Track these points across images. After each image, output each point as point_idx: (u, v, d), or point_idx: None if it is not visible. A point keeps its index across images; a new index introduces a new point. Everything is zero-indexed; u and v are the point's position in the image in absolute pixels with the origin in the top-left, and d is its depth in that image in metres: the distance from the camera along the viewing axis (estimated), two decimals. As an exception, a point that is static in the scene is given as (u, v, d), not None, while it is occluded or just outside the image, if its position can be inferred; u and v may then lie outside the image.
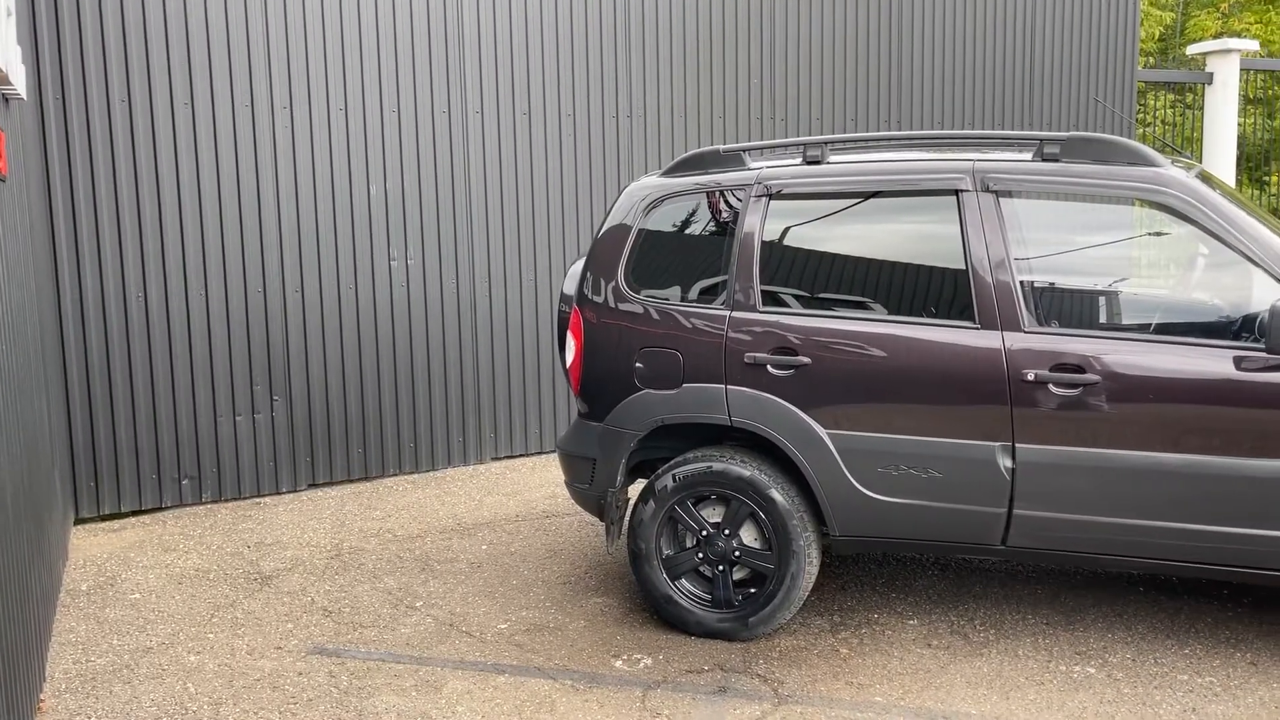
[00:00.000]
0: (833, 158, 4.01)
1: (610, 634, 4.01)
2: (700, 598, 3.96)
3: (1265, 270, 3.39)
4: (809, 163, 3.94)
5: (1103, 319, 3.79)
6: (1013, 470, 3.55)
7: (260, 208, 5.68)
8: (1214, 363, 3.39)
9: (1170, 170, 3.54)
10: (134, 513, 5.51)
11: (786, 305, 3.87)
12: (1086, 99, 8.59)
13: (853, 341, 3.72)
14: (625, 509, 4.21)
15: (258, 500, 5.74)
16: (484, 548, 4.99)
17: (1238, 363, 3.36)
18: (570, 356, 4.18)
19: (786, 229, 3.92)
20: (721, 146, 4.10)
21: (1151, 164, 3.56)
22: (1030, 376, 3.51)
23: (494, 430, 6.51)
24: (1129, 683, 3.52)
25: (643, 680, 3.63)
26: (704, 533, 3.92)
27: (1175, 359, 3.45)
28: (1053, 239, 3.88)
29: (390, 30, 5.97)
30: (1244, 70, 9.93)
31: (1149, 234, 3.90)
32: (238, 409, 5.71)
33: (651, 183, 4.17)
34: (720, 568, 3.91)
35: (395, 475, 6.20)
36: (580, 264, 4.28)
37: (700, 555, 3.94)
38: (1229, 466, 3.36)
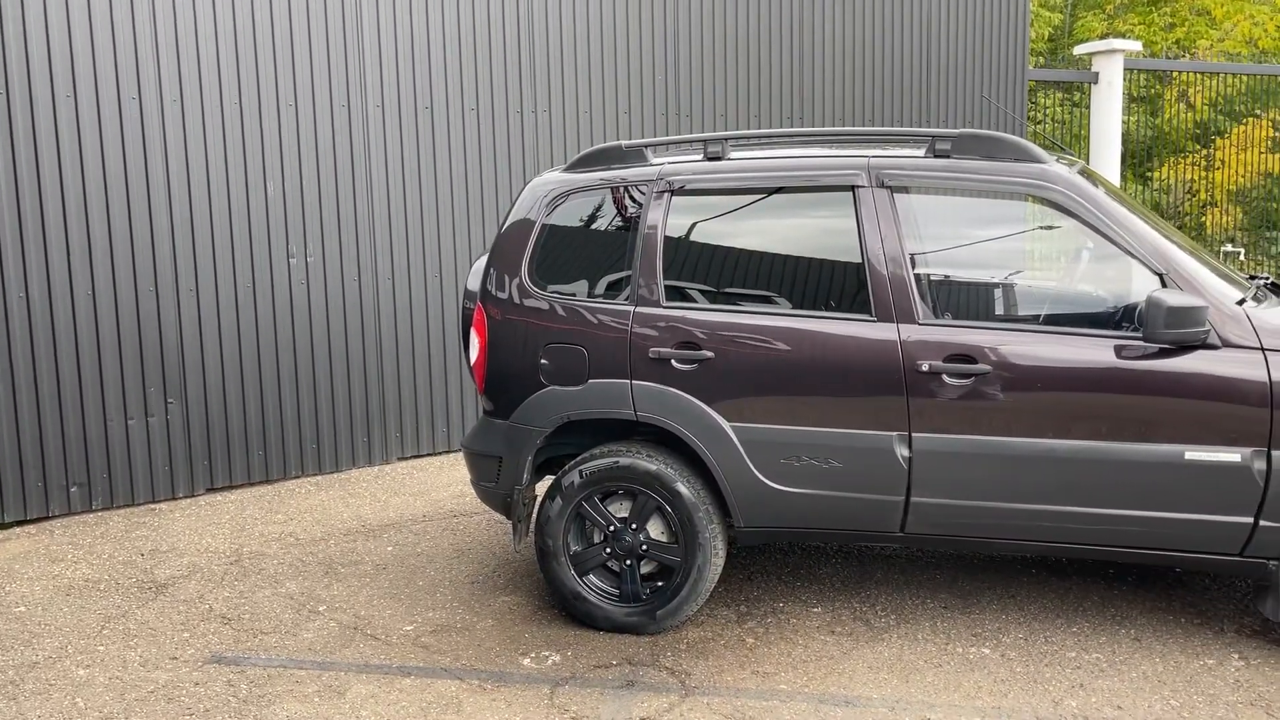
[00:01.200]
0: (733, 154, 4.05)
1: (519, 632, 3.99)
2: (608, 593, 3.97)
3: (1142, 263, 3.54)
4: (710, 159, 3.97)
5: (994, 310, 3.90)
6: (909, 459, 3.64)
7: (150, 205, 5.49)
8: (1097, 352, 3.53)
9: (1054, 167, 3.67)
10: (18, 523, 5.28)
11: (690, 300, 3.90)
12: (981, 97, 8.85)
13: (754, 335, 3.77)
14: (532, 506, 4.20)
15: (153, 507, 5.55)
16: (390, 549, 4.92)
17: (1119, 351, 3.50)
18: (474, 354, 4.14)
19: (688, 224, 3.95)
20: (624, 142, 4.11)
21: (1036, 160, 3.68)
22: (925, 367, 3.60)
23: (400, 430, 6.42)
24: (1021, 661, 3.64)
25: (551, 677, 3.63)
26: (611, 528, 3.93)
27: (1062, 349, 3.58)
28: (946, 233, 3.98)
29: (285, 22, 5.82)
30: (1128, 70, 10.34)
31: (1038, 228, 4.03)
32: (130, 412, 5.51)
33: (554, 178, 4.15)
34: (628, 562, 3.93)
35: (298, 477, 6.07)
36: (484, 260, 4.25)
37: (608, 550, 3.95)
38: (1113, 451, 3.50)
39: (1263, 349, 3.36)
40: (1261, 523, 3.40)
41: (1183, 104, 12.21)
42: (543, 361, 3.96)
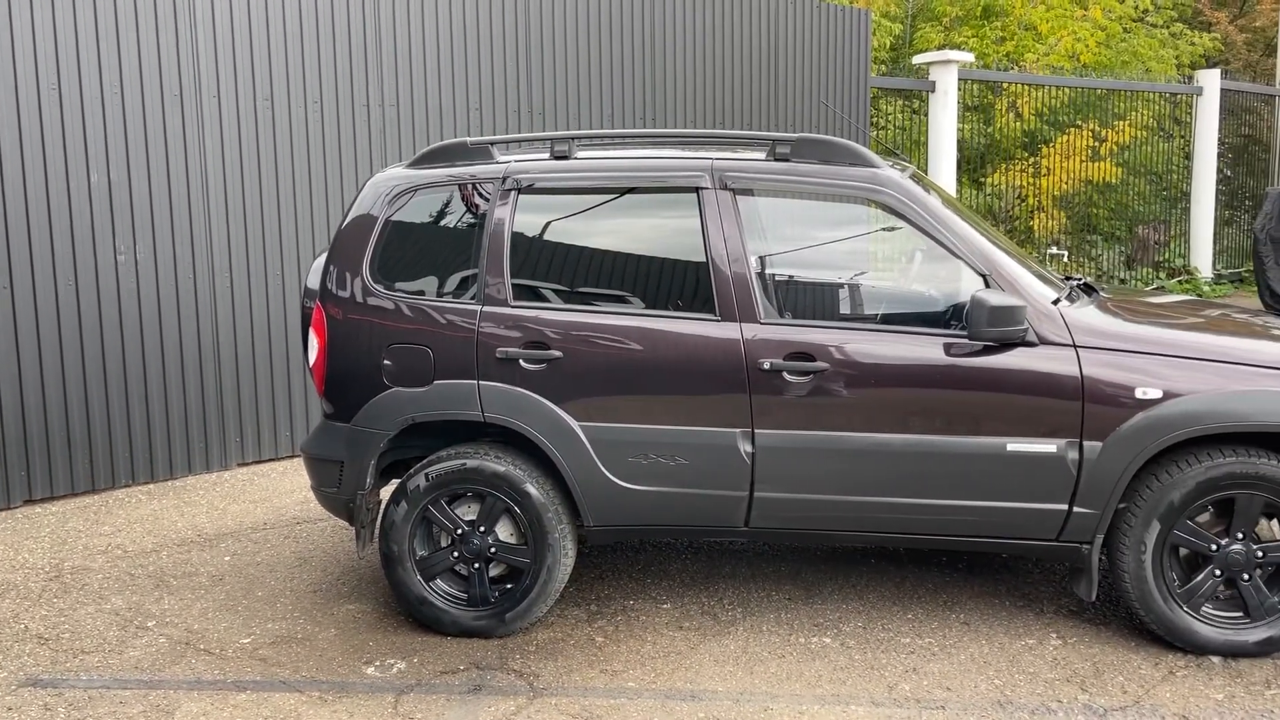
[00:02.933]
0: (580, 153, 4.05)
1: (363, 640, 3.89)
2: (456, 597, 3.91)
3: (967, 264, 3.71)
4: (556, 158, 3.96)
5: (833, 310, 4.03)
6: (753, 455, 3.72)
7: (-43, 195, 5.10)
8: (928, 349, 3.68)
9: (886, 171, 3.82)
10: None
11: (538, 299, 3.88)
12: (830, 102, 9.13)
13: (602, 334, 3.78)
14: (377, 511, 4.09)
15: (-38, 521, 5.17)
16: (227, 559, 4.71)
17: (947, 349, 3.66)
18: (313, 355, 4.01)
19: (535, 223, 3.93)
20: (469, 139, 4.05)
21: (870, 165, 3.82)
22: (766, 365, 3.69)
23: (240, 434, 6.16)
24: (859, 649, 3.77)
25: (395, 685, 3.54)
26: (459, 531, 3.87)
27: (895, 346, 3.72)
28: (787, 234, 4.08)
29: (110, 3, 5.50)
30: (962, 80, 10.86)
31: (876, 231, 4.18)
32: (-65, 420, 5.11)
33: (397, 174, 4.06)
34: (476, 565, 3.88)
35: (128, 486, 5.75)
36: (324, 258, 4.11)
37: (456, 554, 3.89)
38: (943, 445, 3.66)
39: (1075, 346, 3.58)
40: (1075, 509, 3.61)
41: (1012, 113, 12.90)
42: (385, 362, 3.87)
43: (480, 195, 3.95)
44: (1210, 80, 13.46)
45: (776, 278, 3.91)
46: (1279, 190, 11.39)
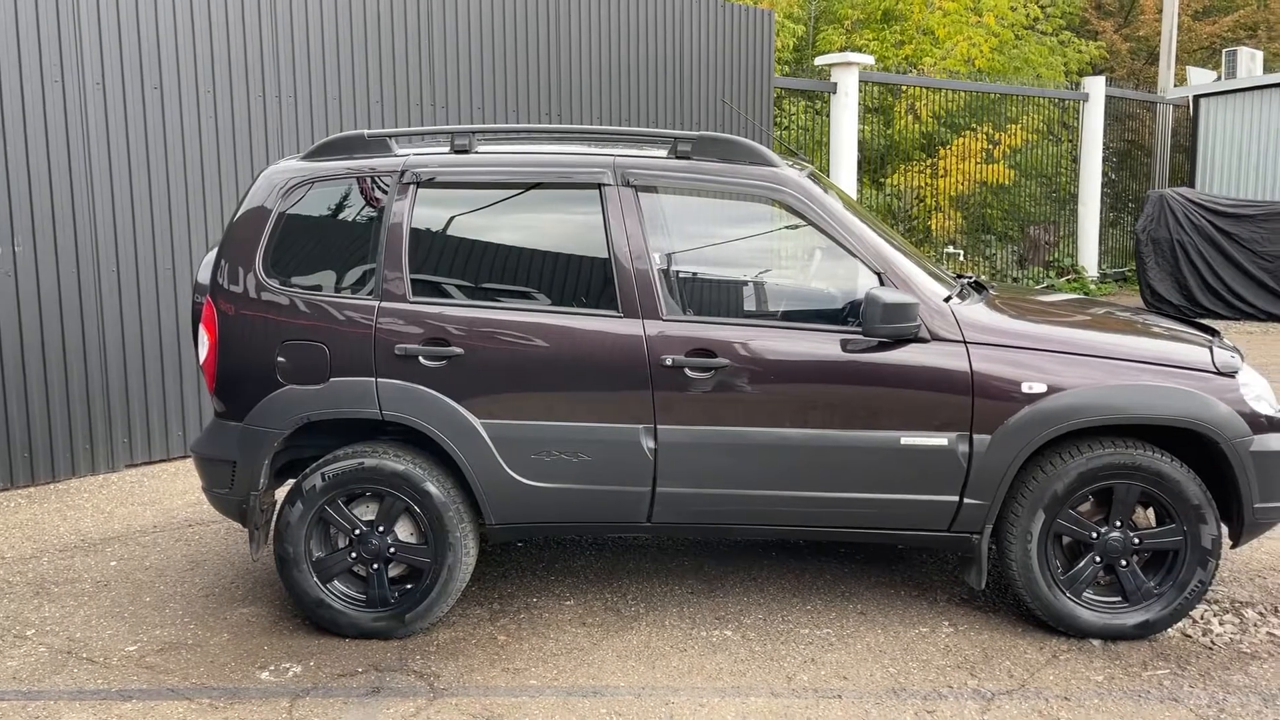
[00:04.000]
0: (481, 147, 4.01)
1: (257, 645, 3.79)
2: (354, 598, 3.84)
3: (863, 262, 3.79)
4: (457, 151, 3.92)
5: (734, 307, 4.06)
6: (655, 450, 3.74)
7: None
8: (825, 346, 3.75)
9: (785, 170, 3.87)
10: None
11: (438, 295, 3.83)
12: (733, 102, 9.22)
13: (504, 331, 3.75)
14: (271, 513, 3.99)
15: None
16: (113, 564, 4.54)
17: (844, 345, 3.73)
18: (203, 352, 3.88)
19: (435, 218, 3.88)
20: (366, 131, 3.97)
21: (769, 164, 3.87)
22: (669, 362, 3.71)
23: (128, 434, 5.94)
24: (760, 641, 3.83)
25: (290, 689, 3.46)
26: (357, 531, 3.80)
27: (794, 343, 3.78)
28: (690, 232, 4.10)
29: (-15, -16, 5.24)
30: (863, 82, 11.09)
31: (777, 229, 4.23)
32: None
33: (292, 166, 3.96)
34: (375, 566, 3.81)
35: (6, 490, 5.49)
36: (215, 252, 3.99)
37: (354, 555, 3.82)
38: (840, 439, 3.73)
39: (965, 342, 3.69)
40: (966, 500, 3.73)
41: (911, 116, 13.24)
42: (280, 359, 3.77)
43: (378, 189, 3.88)
44: (1096, 87, 14.02)
45: (679, 275, 3.93)
46: (1160, 193, 11.96)
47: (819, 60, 11.03)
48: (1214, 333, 4.17)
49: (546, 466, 3.77)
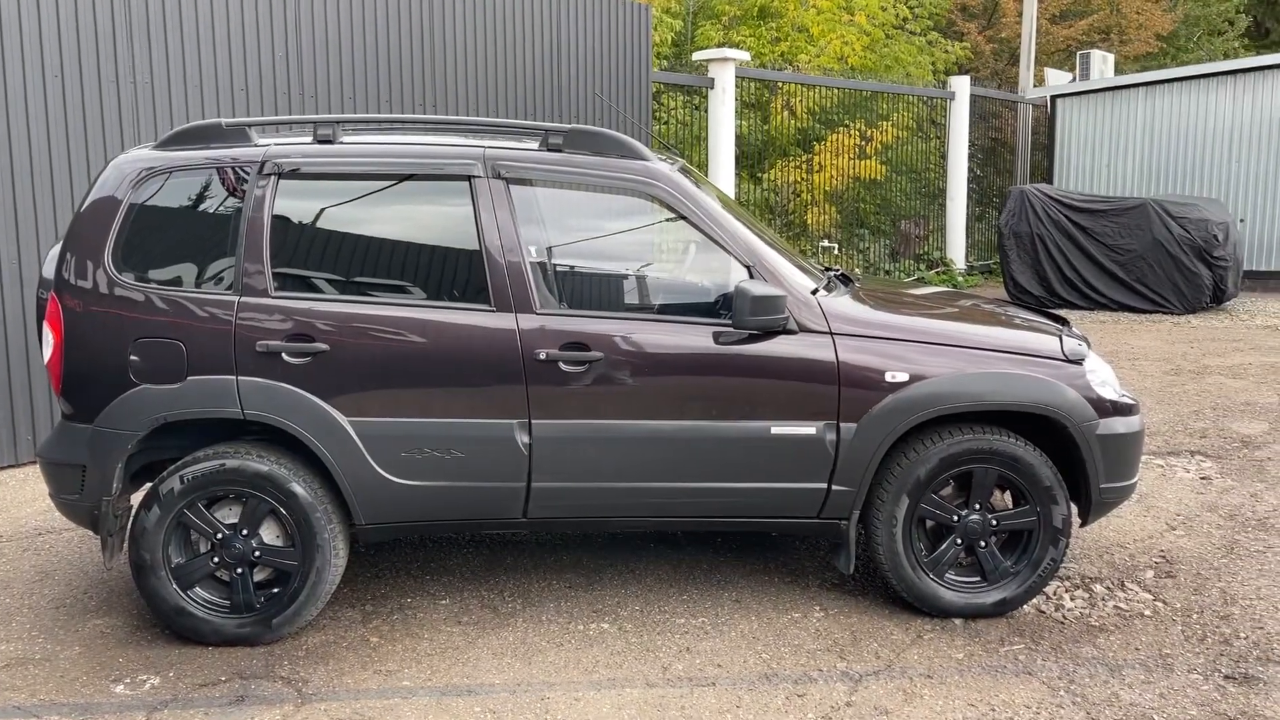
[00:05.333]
0: (346, 138, 3.90)
1: (112, 657, 3.62)
2: (217, 605, 3.70)
3: (732, 255, 3.84)
4: (320, 142, 3.80)
5: (609, 300, 4.07)
6: (530, 445, 3.71)
7: None
8: (698, 338, 3.79)
9: (657, 164, 3.89)
10: None
11: (302, 289, 3.71)
12: (609, 96, 9.23)
13: (371, 326, 3.67)
14: (126, 518, 3.81)
15: None
16: (-47, 577, 4.27)
17: (716, 338, 3.77)
18: (48, 350, 3.68)
19: (297, 210, 3.75)
20: (224, 120, 3.83)
21: (641, 158, 3.88)
22: (542, 355, 3.68)
23: (-29, 439, 5.59)
24: (636, 633, 3.84)
25: (148, 702, 3.32)
26: (219, 535, 3.66)
27: (667, 336, 3.80)
28: (563, 225, 4.08)
29: None
30: (740, 78, 11.23)
31: (651, 223, 4.24)
32: None
33: (143, 156, 3.78)
34: (239, 570, 3.68)
35: None
36: (60, 245, 3.78)
37: (216, 560, 3.68)
38: (713, 430, 3.77)
39: (831, 333, 3.77)
40: (834, 487, 3.82)
41: (787, 112, 13.48)
42: (133, 358, 3.60)
43: (237, 180, 3.74)
44: (961, 86, 14.55)
45: (552, 268, 3.91)
46: (1021, 189, 12.50)
47: (697, 56, 11.12)
48: (1064, 322, 4.38)
49: (418, 464, 3.70)
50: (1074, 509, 4.00)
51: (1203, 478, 5.64)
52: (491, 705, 3.33)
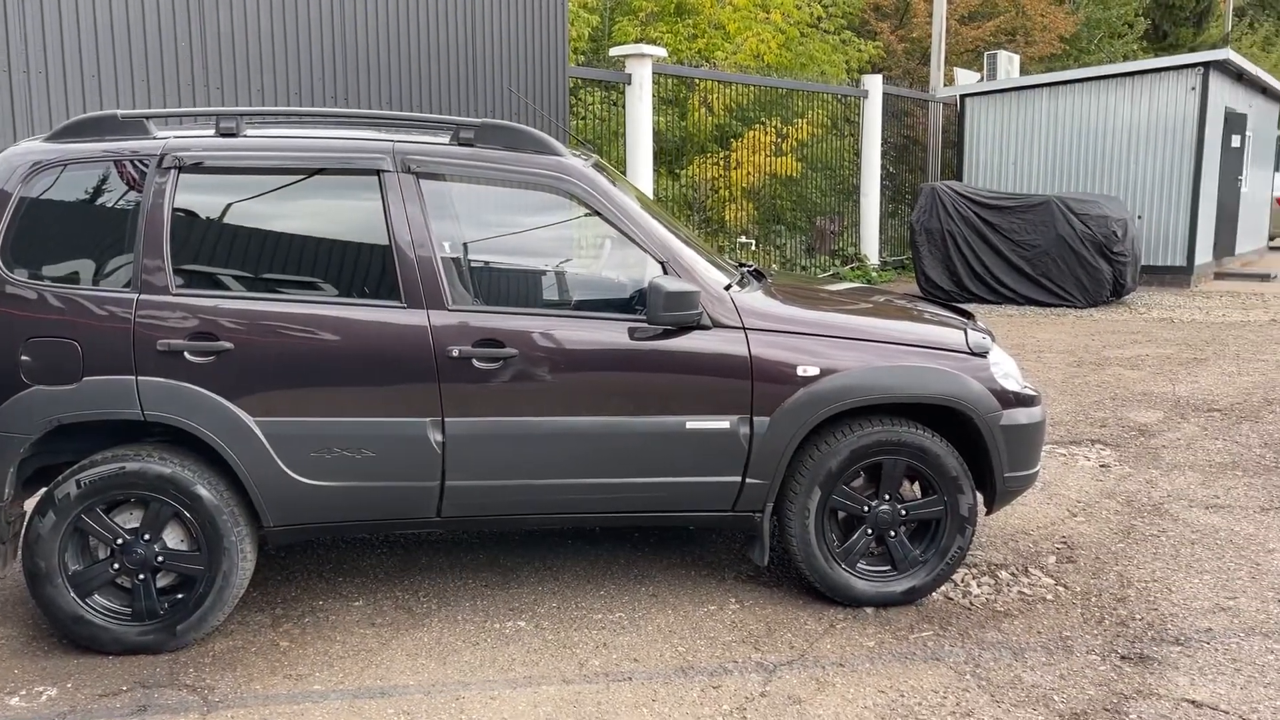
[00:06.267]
0: (250, 131, 3.81)
1: (6, 669, 3.48)
2: (118, 612, 3.58)
3: (646, 251, 3.85)
4: (223, 135, 3.70)
5: (523, 296, 4.04)
6: (443, 444, 3.67)
7: None
8: (613, 334, 3.79)
9: (570, 160, 3.88)
10: None
11: (204, 286, 3.61)
12: (526, 93, 9.17)
13: (277, 323, 3.58)
14: (20, 524, 3.66)
15: None
16: None
17: (631, 333, 3.78)
18: (-69, 352, 3.51)
19: (199, 205, 3.65)
20: (119, 111, 3.70)
21: (554, 153, 3.86)
22: (455, 353, 3.64)
23: None
24: (553, 630, 3.83)
25: (44, 714, 3.20)
26: (120, 541, 3.54)
27: (582, 332, 3.79)
28: (476, 220, 4.04)
29: None
30: (657, 74, 11.27)
31: (566, 219, 4.23)
32: None
33: (35, 148, 3.63)
34: (141, 576, 3.57)
35: None
36: (-55, 241, 3.61)
37: (116, 566, 3.56)
38: (628, 425, 3.78)
39: (744, 328, 3.81)
40: (748, 480, 3.86)
41: (705, 108, 13.57)
42: (24, 358, 3.46)
43: (135, 173, 3.62)
44: (874, 85, 14.82)
45: (465, 264, 3.87)
46: (932, 186, 12.79)
47: (614, 51, 11.12)
48: (969, 316, 4.49)
49: (328, 464, 3.63)
50: (980, 498, 4.11)
51: (1102, 465, 5.85)
52: (405, 707, 3.28)
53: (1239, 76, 14.72)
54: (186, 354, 3.51)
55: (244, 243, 3.75)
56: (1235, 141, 14.97)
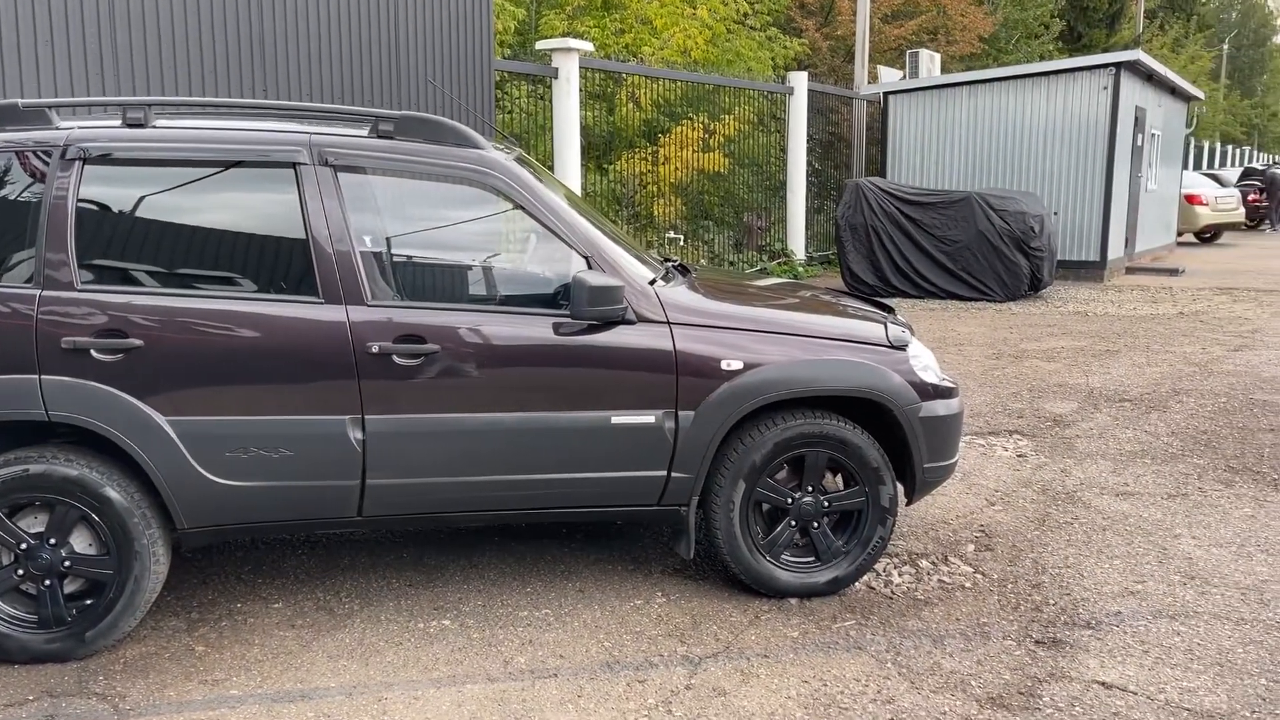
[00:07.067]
0: (159, 122, 3.69)
1: (-99, 683, 3.33)
2: (23, 620, 3.45)
3: (570, 245, 3.83)
4: (131, 125, 3.59)
5: (446, 291, 3.98)
6: (363, 442, 3.61)
7: None
8: (538, 329, 3.76)
9: (492, 153, 3.84)
10: None
11: (111, 282, 3.49)
12: (451, 85, 9.06)
13: (190, 320, 3.49)
14: (-86, 531, 3.51)
15: None
16: None
17: (556, 328, 3.76)
18: None
19: (106, 198, 3.53)
20: (20, 100, 3.56)
21: (475, 146, 3.82)
22: (375, 349, 3.58)
23: None
24: (478, 628, 3.80)
25: (-57, 730, 3.07)
26: (23, 546, 3.42)
27: (506, 327, 3.76)
28: (396, 214, 3.97)
29: None
30: (584, 68, 11.23)
31: (490, 213, 4.17)
32: None
33: (-72, 138, 3.48)
34: (47, 582, 3.45)
35: None
36: None
37: (20, 572, 3.43)
38: (554, 421, 3.76)
39: (669, 323, 3.82)
40: (673, 474, 3.87)
41: (633, 104, 13.57)
42: (-83, 358, 3.32)
43: (38, 165, 3.49)
44: (800, 82, 14.99)
45: (385, 259, 3.80)
46: (856, 182, 12.98)
47: (540, 45, 11.05)
48: (889, 309, 4.56)
49: (244, 464, 3.55)
50: (900, 488, 4.18)
51: (1019, 455, 6.00)
52: (325, 709, 3.23)
53: (1149, 77, 15.21)
54: (93, 352, 3.40)
55: (154, 237, 3.63)
56: (1145, 140, 15.47)
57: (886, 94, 15.34)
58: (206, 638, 3.69)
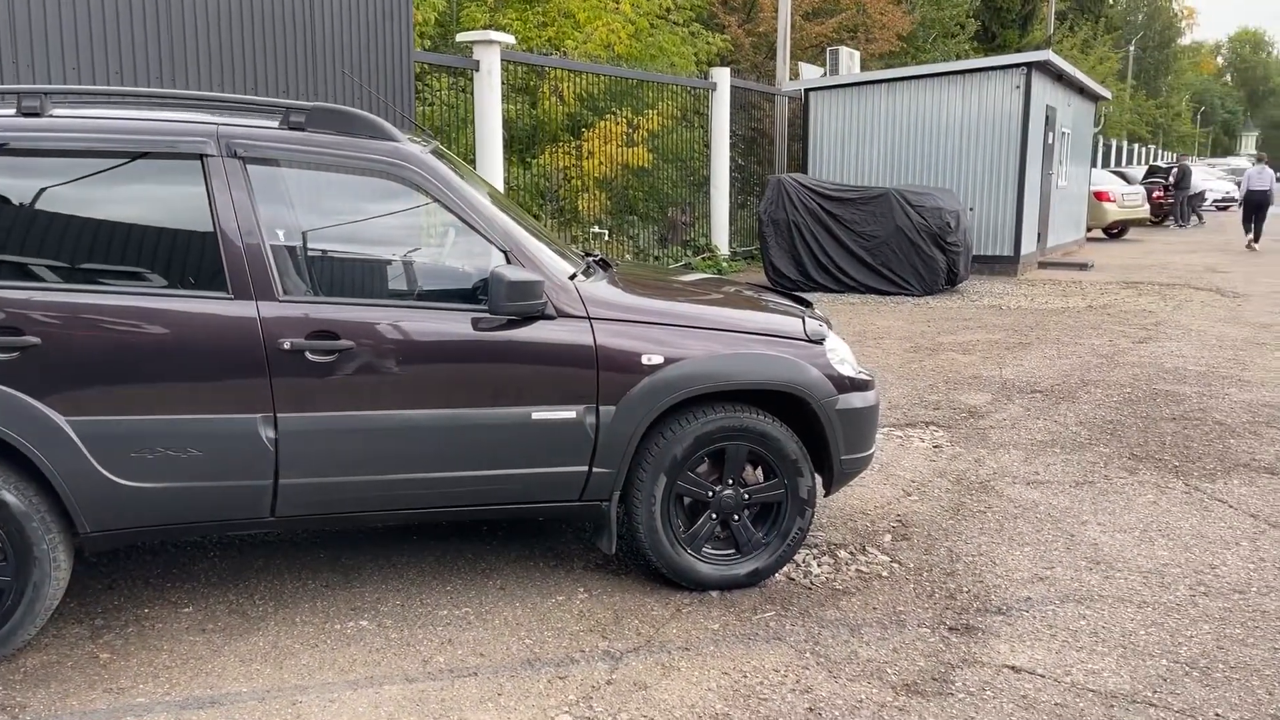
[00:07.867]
0: (58, 111, 3.55)
1: None
2: (-87, 631, 3.30)
3: (489, 239, 3.79)
4: (26, 114, 3.44)
5: (361, 286, 3.91)
6: (275, 440, 3.52)
7: None
8: (456, 325, 3.71)
9: (406, 145, 3.77)
10: None
11: (9, 278, 3.35)
12: (369, 77, 8.90)
13: (91, 316, 3.36)
14: None
15: None
16: None
17: (474, 324, 3.71)
18: None
19: (3, 189, 3.39)
20: (-95, 87, 3.39)
21: (390, 138, 3.75)
22: (287, 345, 3.50)
23: None
24: (396, 628, 3.75)
25: None
26: (-88, 553, 3.26)
27: (425, 322, 3.70)
28: (310, 208, 3.87)
29: None
30: (506, 61, 11.13)
31: (407, 207, 4.10)
32: None
33: None
34: (-61, 591, 3.30)
35: None
36: None
37: (-91, 581, 3.28)
38: (472, 417, 3.71)
39: (589, 318, 3.80)
40: (595, 469, 3.85)
41: (556, 97, 13.50)
42: None
43: (-76, 155, 3.32)
44: (722, 77, 15.08)
45: (298, 253, 3.71)
46: (778, 178, 13.11)
47: (461, 37, 10.91)
48: (807, 304, 4.62)
49: (150, 465, 3.44)
50: (819, 480, 4.24)
51: (935, 446, 6.12)
52: (237, 715, 3.15)
53: (1059, 77, 15.65)
54: (-13, 350, 3.26)
55: (54, 231, 3.49)
56: (1056, 138, 15.92)
57: (807, 91, 15.52)
58: (112, 644, 3.57)
